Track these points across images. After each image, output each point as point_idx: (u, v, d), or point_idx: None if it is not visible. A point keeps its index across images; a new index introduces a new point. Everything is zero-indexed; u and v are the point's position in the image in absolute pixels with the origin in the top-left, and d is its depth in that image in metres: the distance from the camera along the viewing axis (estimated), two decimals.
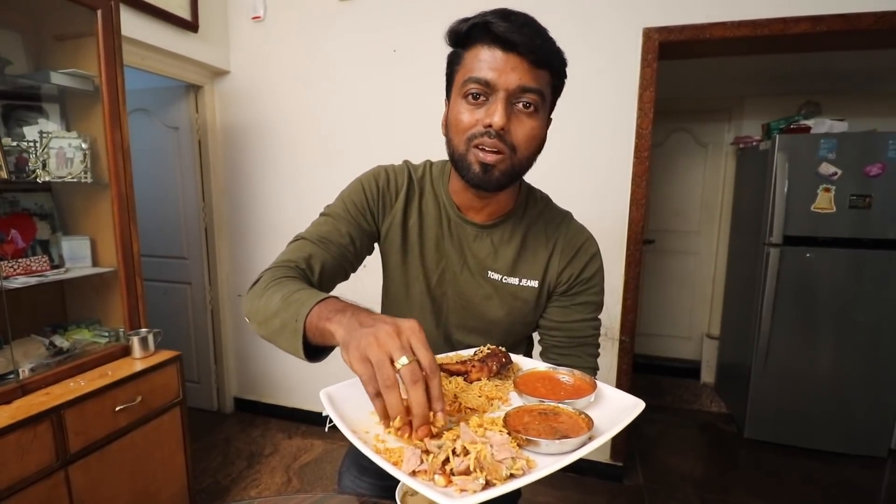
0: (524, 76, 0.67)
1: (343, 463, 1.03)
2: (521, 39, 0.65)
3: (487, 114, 0.69)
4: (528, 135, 0.71)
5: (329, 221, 0.82)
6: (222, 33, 2.57)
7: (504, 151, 0.70)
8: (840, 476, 2.42)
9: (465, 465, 0.48)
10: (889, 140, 2.33)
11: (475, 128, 0.70)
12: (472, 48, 0.70)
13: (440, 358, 0.78)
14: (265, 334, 0.66)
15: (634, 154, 2.10)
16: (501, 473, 0.48)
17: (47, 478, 1.31)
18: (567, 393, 0.66)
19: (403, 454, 0.51)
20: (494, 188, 0.74)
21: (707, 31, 1.96)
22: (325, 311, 0.57)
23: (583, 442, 0.53)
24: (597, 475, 2.36)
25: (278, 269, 0.72)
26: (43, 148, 1.52)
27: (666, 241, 3.72)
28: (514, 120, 0.69)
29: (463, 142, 0.72)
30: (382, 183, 0.85)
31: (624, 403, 0.63)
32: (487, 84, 0.68)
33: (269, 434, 2.73)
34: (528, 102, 0.69)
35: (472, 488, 0.46)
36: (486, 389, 0.68)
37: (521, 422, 0.58)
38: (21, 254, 1.59)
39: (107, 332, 1.73)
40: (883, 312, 2.43)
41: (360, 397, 0.65)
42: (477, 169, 0.71)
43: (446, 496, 0.45)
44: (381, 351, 0.49)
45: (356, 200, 0.84)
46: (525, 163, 0.74)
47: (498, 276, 0.84)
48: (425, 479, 0.48)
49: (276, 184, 2.66)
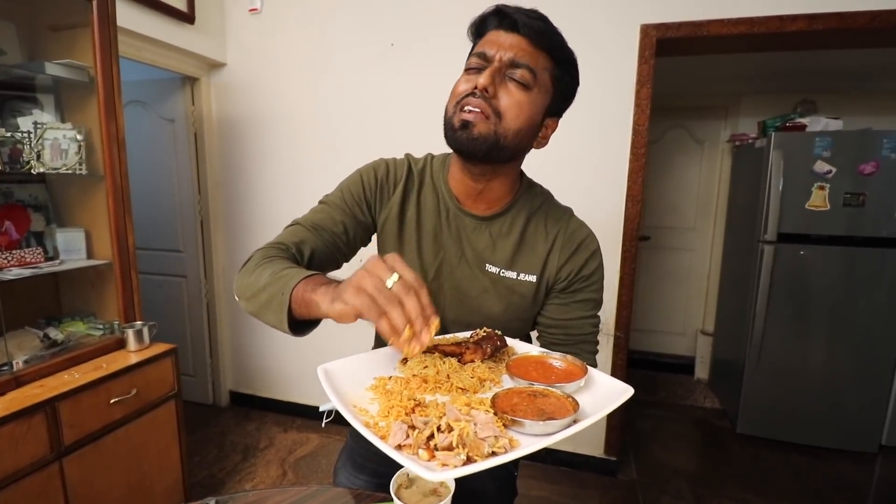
0: (519, 52, 0.70)
1: (339, 459, 1.03)
2: (523, 20, 0.70)
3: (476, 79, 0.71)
4: (514, 104, 0.71)
5: (325, 209, 0.84)
6: (219, 25, 2.55)
7: (487, 113, 0.71)
8: (831, 471, 2.45)
9: (449, 441, 0.50)
10: (883, 139, 2.34)
11: (465, 93, 0.72)
12: (483, 35, 0.75)
13: (437, 339, 0.79)
14: (253, 310, 0.69)
15: (631, 150, 2.11)
16: (483, 450, 0.50)
17: (41, 470, 1.31)
18: (558, 377, 0.67)
19: (391, 429, 0.53)
20: (471, 147, 0.72)
21: (704, 28, 1.97)
22: (310, 284, 0.62)
23: (567, 424, 0.54)
24: (591, 469, 2.38)
25: (270, 248, 0.76)
26: (37, 139, 1.51)
27: (661, 238, 3.74)
28: (502, 87, 0.71)
29: (452, 106, 0.74)
30: (381, 174, 0.86)
31: (613, 389, 0.64)
32: (485, 57, 0.72)
33: (264, 428, 2.73)
34: (520, 77, 0.71)
35: (452, 463, 0.48)
36: (478, 371, 0.69)
37: (510, 403, 0.59)
38: (15, 245, 1.58)
39: (101, 325, 1.72)
40: (875, 310, 2.46)
41: (356, 375, 0.68)
42: (457, 125, 0.72)
43: (428, 469, 0.47)
44: (372, 278, 0.54)
45: (353, 191, 0.85)
46: (510, 136, 0.72)
47: (496, 268, 0.83)
48: (410, 453, 0.50)
49: (272, 177, 2.65)
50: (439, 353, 0.73)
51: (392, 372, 0.71)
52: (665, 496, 2.23)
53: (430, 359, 0.71)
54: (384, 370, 0.71)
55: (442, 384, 0.66)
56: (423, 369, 0.69)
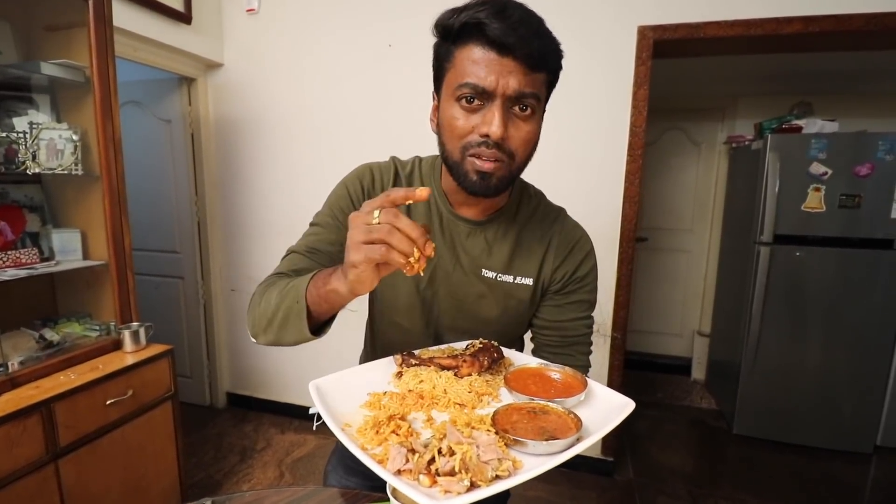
0: (521, 81, 0.64)
1: (329, 461, 1.02)
2: (517, 42, 0.61)
3: (484, 122, 0.65)
4: (525, 140, 0.68)
5: (317, 231, 0.81)
6: (216, 25, 2.54)
7: (503, 160, 0.68)
8: (827, 471, 2.46)
9: (451, 466, 0.48)
10: (879, 141, 2.35)
11: (471, 135, 0.67)
12: (464, 47, 0.66)
13: (432, 351, 0.78)
14: (272, 338, 0.69)
15: (628, 152, 2.11)
16: (487, 475, 0.48)
17: (37, 471, 1.31)
18: (557, 391, 0.66)
19: (389, 453, 0.51)
20: (493, 194, 0.72)
21: (701, 30, 1.97)
22: (319, 280, 0.62)
23: (570, 443, 0.53)
24: (588, 470, 2.38)
25: (270, 278, 0.75)
26: (33, 139, 1.50)
27: (658, 239, 3.74)
28: (511, 126, 0.66)
29: (458, 149, 0.69)
30: (367, 183, 0.83)
31: (614, 403, 0.63)
32: (484, 91, 0.64)
33: (261, 429, 2.72)
34: (525, 106, 0.66)
35: (456, 489, 0.46)
36: (475, 385, 0.67)
37: (510, 420, 0.58)
38: (10, 246, 1.57)
39: (98, 326, 1.71)
40: (870, 311, 2.47)
41: (348, 390, 0.66)
42: (474, 178, 0.69)
43: (430, 497, 0.45)
44: (358, 227, 0.54)
45: (342, 206, 0.82)
46: (522, 166, 0.72)
47: (492, 273, 0.82)
48: (410, 479, 0.48)
49: (269, 178, 2.64)
50: (435, 366, 0.71)
51: (386, 387, 0.69)
52: (662, 496, 2.24)
53: (426, 373, 0.69)
54: (378, 385, 0.69)
55: (439, 399, 0.64)
56: (419, 384, 0.67)
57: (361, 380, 0.70)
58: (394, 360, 0.75)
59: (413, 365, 0.72)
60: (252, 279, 2.75)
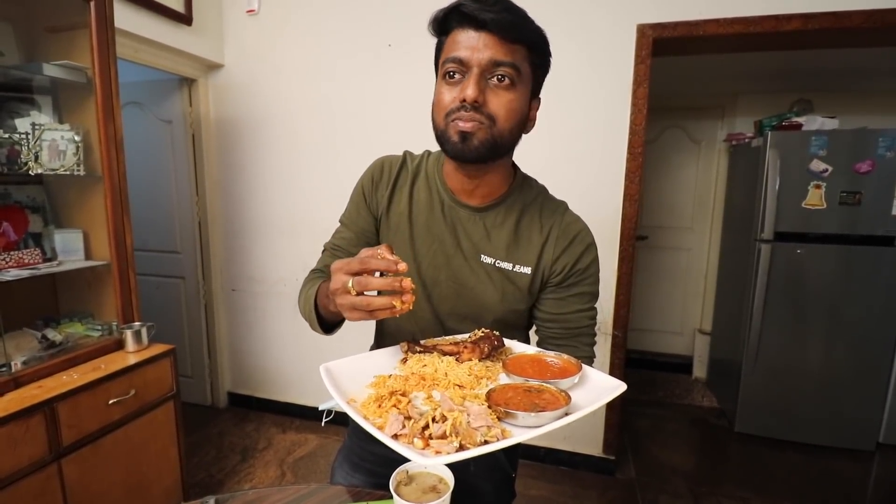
0: (496, 51, 0.69)
1: (336, 458, 1.04)
2: (490, 17, 0.68)
3: (462, 89, 0.71)
4: (505, 106, 0.72)
5: (342, 230, 0.92)
6: (216, 26, 2.55)
7: (482, 121, 0.72)
8: (829, 469, 2.46)
9: (443, 431, 0.52)
10: (879, 137, 2.35)
11: (452, 104, 0.73)
12: (451, 33, 0.73)
13: (436, 340, 0.82)
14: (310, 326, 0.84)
15: (628, 150, 2.11)
16: (476, 439, 0.51)
17: (40, 471, 1.31)
18: (553, 374, 0.68)
19: (387, 420, 0.55)
20: (474, 157, 0.74)
21: (700, 28, 1.97)
22: (321, 293, 0.75)
23: (558, 416, 0.55)
24: (589, 468, 2.38)
25: (310, 274, 0.91)
26: (35, 140, 1.51)
27: (659, 237, 3.75)
28: (489, 93, 0.71)
29: (442, 119, 0.74)
30: (377, 175, 0.90)
31: (606, 385, 0.65)
32: (462, 62, 0.71)
33: (263, 428, 2.73)
34: (503, 76, 0.71)
35: (445, 450, 0.50)
36: (475, 369, 0.70)
37: (505, 397, 0.61)
38: (13, 247, 1.58)
39: (99, 326, 1.72)
40: (871, 308, 2.47)
41: (357, 373, 0.70)
42: (455, 139, 0.73)
43: (422, 456, 0.49)
44: (341, 284, 0.62)
45: (358, 201, 0.90)
46: (506, 134, 0.74)
47: (491, 259, 0.84)
48: (406, 442, 0.52)
49: (270, 178, 2.65)
50: (438, 352, 0.75)
51: (392, 371, 0.73)
52: (663, 495, 2.24)
53: (429, 358, 0.73)
54: (385, 369, 0.73)
55: (440, 381, 0.67)
56: (423, 368, 0.71)
57: (369, 363, 0.75)
58: (400, 348, 0.79)
59: (418, 352, 0.76)
60: (253, 279, 2.76)
